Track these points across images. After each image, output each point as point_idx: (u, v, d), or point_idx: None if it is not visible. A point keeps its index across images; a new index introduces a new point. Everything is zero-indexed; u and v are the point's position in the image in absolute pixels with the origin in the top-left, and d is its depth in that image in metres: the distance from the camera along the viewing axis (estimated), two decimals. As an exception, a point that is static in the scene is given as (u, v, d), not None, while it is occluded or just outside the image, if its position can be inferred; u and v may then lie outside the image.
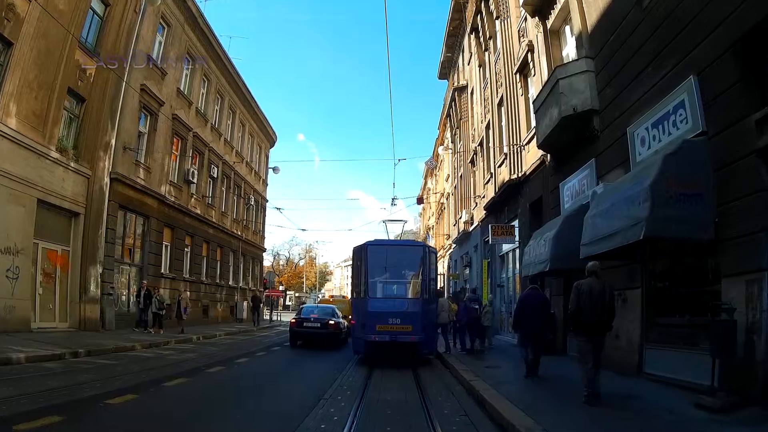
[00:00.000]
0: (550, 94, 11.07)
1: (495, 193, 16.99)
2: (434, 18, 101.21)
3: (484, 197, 19.84)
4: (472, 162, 23.22)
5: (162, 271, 20.23)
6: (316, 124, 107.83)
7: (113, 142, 17.62)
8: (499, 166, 16.86)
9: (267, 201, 34.55)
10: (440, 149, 31.13)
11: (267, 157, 35.25)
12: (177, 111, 21.44)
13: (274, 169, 32.35)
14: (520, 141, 15.06)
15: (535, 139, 13.90)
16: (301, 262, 76.02)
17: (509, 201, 16.13)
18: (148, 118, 19.78)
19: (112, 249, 17.31)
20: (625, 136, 8.90)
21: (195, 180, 22.57)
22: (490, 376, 8.32)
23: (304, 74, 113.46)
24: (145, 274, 19.17)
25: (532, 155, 14.02)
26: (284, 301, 64.81)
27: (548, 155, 12.71)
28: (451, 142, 28.90)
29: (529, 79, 15.25)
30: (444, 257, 31.84)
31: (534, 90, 14.39)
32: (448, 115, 28.76)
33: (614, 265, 9.04)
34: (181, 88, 22.05)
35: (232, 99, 27.87)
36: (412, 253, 12.48)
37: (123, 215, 18.21)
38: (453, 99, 26.74)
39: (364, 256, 11.73)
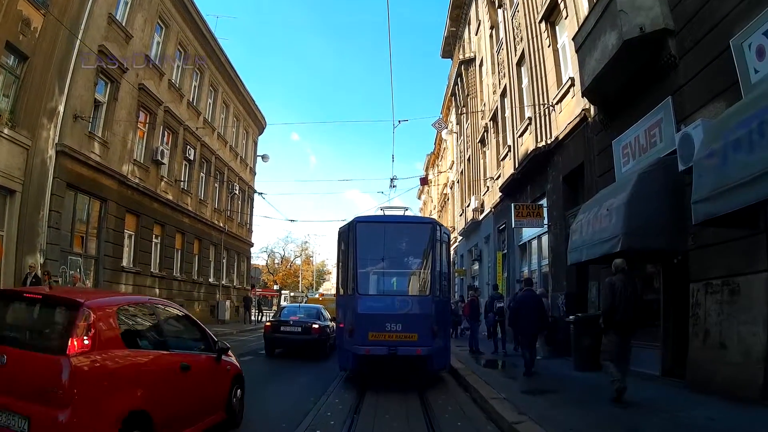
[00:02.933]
0: (602, 17, 8.26)
1: (515, 168, 14.15)
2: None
3: (499, 177, 17.01)
4: (482, 141, 20.41)
5: (123, 264, 17.36)
6: (311, 122, 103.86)
7: (61, 108, 14.80)
8: (520, 135, 14.02)
9: (255, 191, 31.64)
10: (444, 133, 28.27)
11: (255, 143, 32.40)
12: (145, 81, 18.60)
13: (263, 157, 29.43)
14: (548, 101, 12.25)
15: (570, 93, 11.12)
16: (297, 261, 73.15)
17: (534, 176, 13.29)
18: (108, 85, 16.95)
19: (58, 236, 14.46)
20: (725, 54, 6.15)
21: (166, 161, 19.69)
22: (544, 414, 5.44)
23: (297, 69, 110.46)
24: (101, 267, 16.34)
25: (567, 114, 11.21)
26: (279, 300, 62.03)
27: (593, 108, 9.91)
28: (456, 124, 26.09)
29: (557, 27, 12.51)
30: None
31: (566, 36, 11.63)
32: (453, 94, 25.96)
33: (717, 241, 6.21)
34: (151, 57, 19.22)
35: (213, 76, 25.03)
36: (417, 232, 9.33)
37: (73, 196, 15.38)
38: (459, 75, 23.95)
39: (352, 238, 8.77)
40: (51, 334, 3.87)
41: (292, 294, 66.31)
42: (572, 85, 10.94)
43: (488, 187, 19.08)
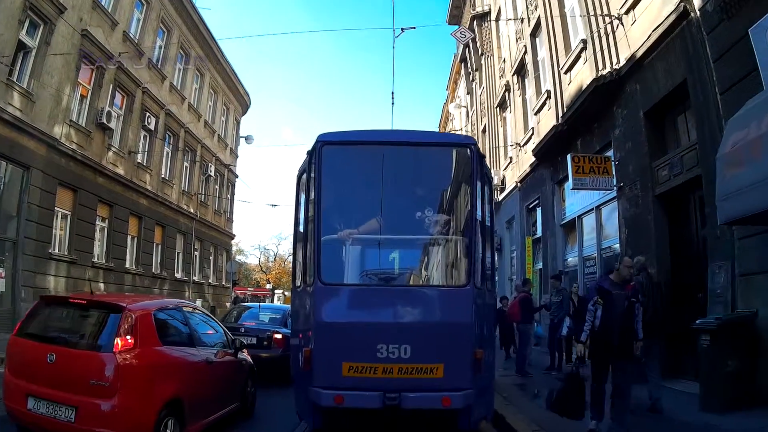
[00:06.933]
0: None
1: (559, 118, 10.53)
2: None
3: (529, 140, 13.46)
4: (502, 105, 16.88)
5: (52, 250, 13.74)
6: (299, 31, 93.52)
7: (-32, 47, 11.31)
8: (568, 70, 10.41)
9: (237, 176, 28.10)
10: (451, 107, 24.76)
11: (237, 123, 28.79)
12: (91, 28, 15.03)
13: (247, 139, 26.11)
14: (608, 11, 8.67)
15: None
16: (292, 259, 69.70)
17: (589, 123, 9.67)
18: (40, 27, 13.39)
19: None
20: None
21: (115, 126, 16.08)
22: None
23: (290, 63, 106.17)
24: (21, 253, 12.74)
25: (647, 21, 7.64)
26: (273, 300, 58.88)
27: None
28: (467, 94, 22.55)
29: None
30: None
31: None
32: (463, 59, 22.43)
33: None
34: (100, 1, 15.65)
35: (185, 38, 21.42)
36: (440, 162, 5.06)
37: (-19, 161, 11.83)
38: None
39: (315, 175, 4.63)
40: (93, 334, 4.28)
41: (286, 294, 62.98)
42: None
43: (511, 157, 15.51)
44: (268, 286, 60.02)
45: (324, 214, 4.53)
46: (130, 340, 4.07)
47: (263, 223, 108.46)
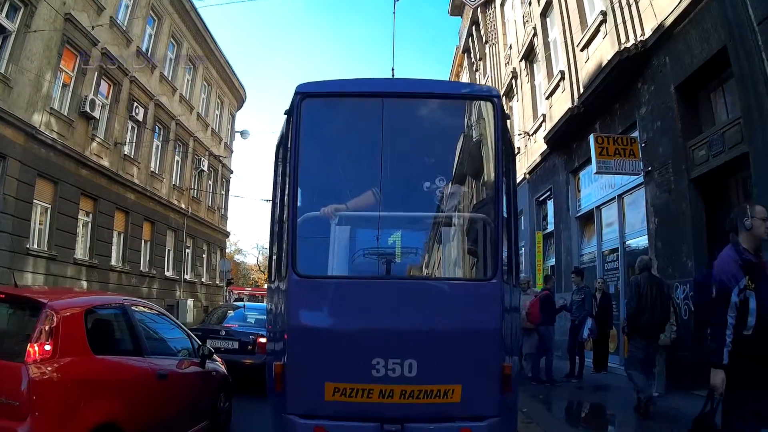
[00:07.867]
0: None
1: (575, 99, 9.68)
2: None
3: (539, 128, 12.64)
4: (508, 94, 16.07)
5: (30, 245, 12.89)
6: None
7: (-65, 26, 10.48)
8: (585, 46, 9.55)
9: (232, 171, 27.27)
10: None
11: (232, 117, 27.96)
12: (75, 12, 14.23)
13: (242, 134, 25.26)
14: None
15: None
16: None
17: (610, 103, 8.83)
18: (21, 10, 12.63)
19: None
20: None
21: (99, 115, 15.26)
22: None
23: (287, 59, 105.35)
24: (-6, 249, 11.89)
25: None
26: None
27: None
28: (471, 86, 21.73)
29: None
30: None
31: None
32: (466, 50, 21.63)
33: None
34: (84, -17, 14.84)
35: (176, 27, 20.61)
36: (447, 119, 3.85)
37: (-51, 148, 11.00)
38: (474, 22, 19.66)
39: (293, 136, 3.40)
40: (9, 338, 3.49)
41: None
42: None
43: (519, 147, 14.69)
44: (266, 286, 59.15)
45: (303, 185, 3.46)
46: (48, 348, 3.20)
47: (262, 222, 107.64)
